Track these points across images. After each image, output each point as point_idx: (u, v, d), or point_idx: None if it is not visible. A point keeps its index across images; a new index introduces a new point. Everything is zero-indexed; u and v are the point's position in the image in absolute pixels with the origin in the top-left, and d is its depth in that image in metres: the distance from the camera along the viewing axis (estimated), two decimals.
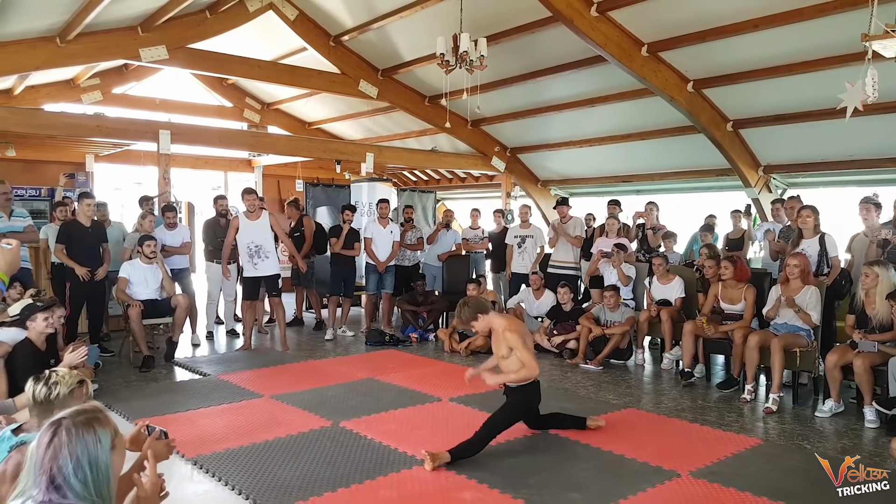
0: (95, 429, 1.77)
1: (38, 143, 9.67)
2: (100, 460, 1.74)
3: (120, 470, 1.89)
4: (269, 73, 9.91)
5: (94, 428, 1.77)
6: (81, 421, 1.77)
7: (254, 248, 7.29)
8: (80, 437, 1.73)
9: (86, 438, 1.73)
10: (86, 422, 1.77)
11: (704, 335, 5.87)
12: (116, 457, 1.81)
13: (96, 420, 1.79)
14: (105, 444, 1.76)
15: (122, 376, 6.24)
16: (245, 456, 4.10)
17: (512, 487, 3.61)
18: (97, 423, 1.78)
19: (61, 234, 6.61)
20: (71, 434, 1.73)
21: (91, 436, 1.75)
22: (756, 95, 7.73)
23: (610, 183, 11.30)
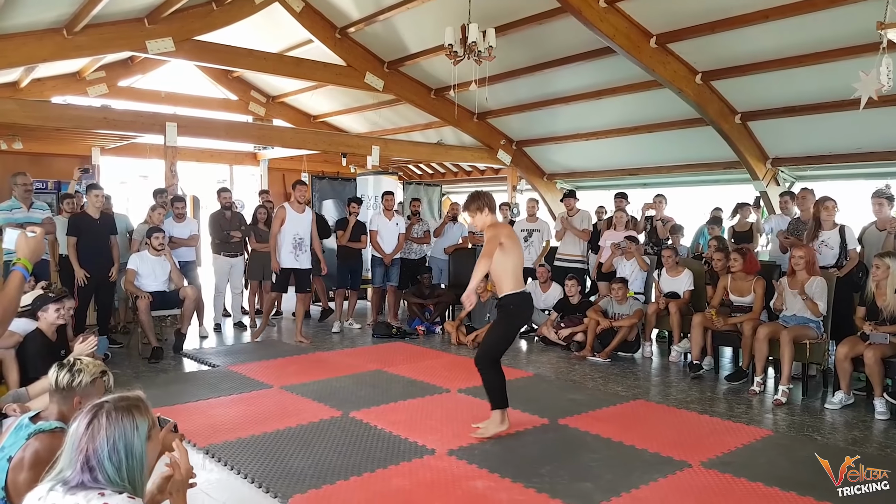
0: (134, 416, 1.79)
1: (44, 135, 9.67)
2: (135, 447, 1.75)
3: (154, 461, 1.90)
4: (274, 66, 9.88)
5: (134, 415, 1.79)
6: (123, 406, 1.79)
7: (298, 239, 7.36)
8: (118, 422, 1.75)
9: (124, 423, 1.75)
10: (126, 407, 1.79)
11: (714, 327, 5.86)
12: (151, 447, 1.83)
13: (136, 408, 1.81)
14: (142, 432, 1.78)
15: (132, 367, 6.26)
16: (256, 445, 4.11)
17: (523, 476, 3.61)
18: (137, 410, 1.81)
19: (71, 227, 6.64)
20: (111, 417, 1.75)
21: (130, 422, 1.76)
22: (765, 87, 7.69)
23: (616, 176, 11.26)
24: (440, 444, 4.15)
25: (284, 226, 7.30)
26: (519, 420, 4.65)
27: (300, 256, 7.39)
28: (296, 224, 7.36)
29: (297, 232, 7.36)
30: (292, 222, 7.33)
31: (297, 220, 7.37)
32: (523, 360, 6.91)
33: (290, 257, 7.34)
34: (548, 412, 4.82)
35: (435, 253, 9.66)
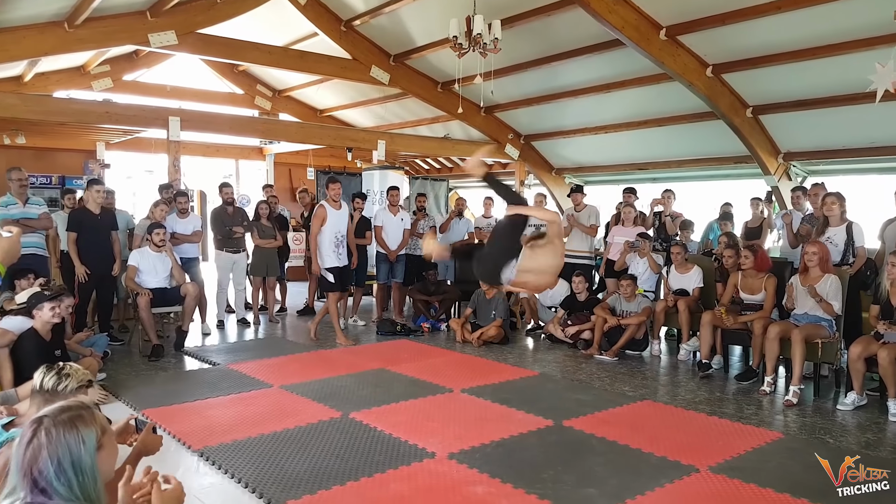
0: (79, 428, 1.66)
1: (48, 130, 9.63)
2: (83, 462, 1.63)
3: (110, 469, 1.79)
4: (279, 59, 9.78)
5: (78, 427, 1.66)
6: (63, 420, 1.66)
7: (339, 237, 7.27)
8: (60, 438, 1.62)
9: (67, 439, 1.63)
10: (68, 421, 1.66)
11: (723, 326, 5.73)
12: (105, 456, 1.71)
13: (80, 419, 1.68)
14: (90, 445, 1.65)
15: (132, 365, 6.19)
16: (253, 447, 4.02)
17: (525, 482, 3.51)
18: (81, 421, 1.67)
19: (71, 222, 6.59)
20: (51, 435, 1.63)
21: (74, 436, 1.64)
22: (777, 80, 7.52)
23: (625, 171, 11.11)
24: (441, 446, 4.05)
25: (325, 225, 7.15)
26: (523, 422, 4.56)
27: (342, 255, 7.30)
28: (336, 222, 7.25)
29: (338, 230, 7.26)
30: (332, 221, 7.21)
31: (335, 217, 7.25)
32: (529, 359, 6.80)
33: (334, 256, 7.20)
34: (552, 413, 4.71)
35: None
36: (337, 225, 7.26)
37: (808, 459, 3.88)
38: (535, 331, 8.08)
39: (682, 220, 8.07)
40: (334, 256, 7.22)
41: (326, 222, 7.16)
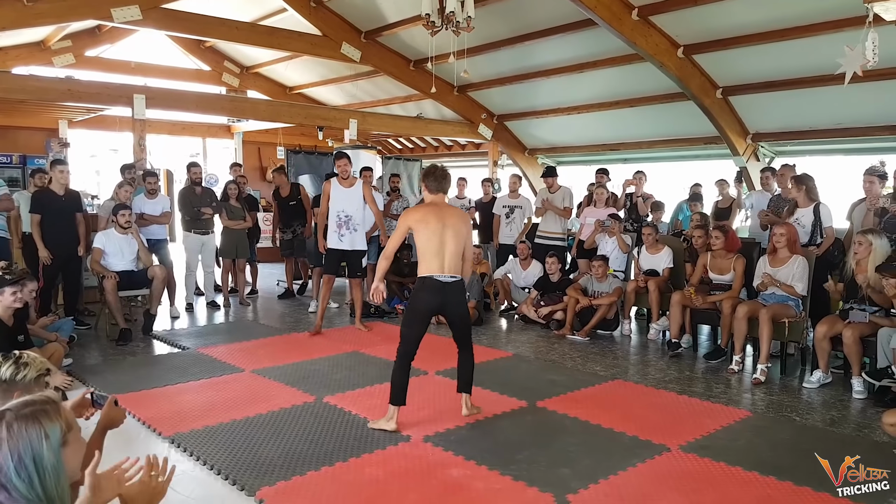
0: (42, 423, 1.60)
1: (8, 107, 9.34)
2: (45, 458, 1.57)
3: (76, 467, 1.73)
4: (247, 35, 9.57)
5: (41, 422, 1.60)
6: (26, 414, 1.60)
7: (344, 217, 6.71)
8: (22, 433, 1.56)
9: (30, 434, 1.57)
10: (31, 415, 1.60)
11: (692, 305, 5.81)
12: (70, 453, 1.66)
13: (44, 413, 1.62)
14: (54, 440, 1.60)
15: (99, 350, 6.08)
16: (225, 433, 3.98)
17: (500, 464, 3.53)
18: (45, 416, 1.62)
19: (34, 204, 6.40)
20: (12, 430, 1.57)
21: (36, 431, 1.58)
22: (747, 62, 7.58)
23: (598, 151, 11.16)
24: (416, 429, 4.05)
25: (330, 202, 6.73)
26: (497, 403, 4.57)
27: (346, 236, 6.72)
28: (341, 200, 6.70)
29: (342, 208, 6.70)
30: (337, 198, 6.70)
31: (341, 195, 6.71)
32: (503, 340, 6.83)
33: (334, 237, 6.74)
34: (526, 394, 4.74)
35: None
36: (341, 203, 6.70)
37: (774, 437, 3.98)
38: (508, 311, 8.11)
39: (653, 201, 8.14)
40: (335, 237, 6.73)
41: (331, 199, 6.74)
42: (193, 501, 3.20)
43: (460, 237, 4.10)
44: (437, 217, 4.08)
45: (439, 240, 4.04)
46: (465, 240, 4.14)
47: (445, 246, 4.04)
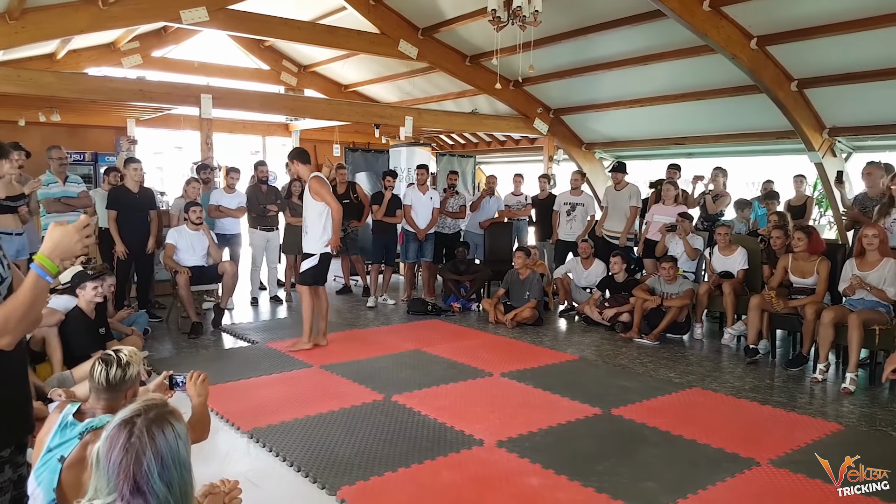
0: (172, 424, 1.58)
1: (81, 107, 9.65)
2: (182, 456, 1.56)
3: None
4: (308, 35, 9.63)
5: (172, 423, 1.58)
6: (155, 418, 1.58)
7: None
8: (162, 436, 1.54)
9: (167, 437, 1.55)
10: (160, 418, 1.58)
11: (773, 310, 5.57)
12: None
13: (170, 414, 1.60)
14: (184, 439, 1.58)
15: (172, 342, 6.23)
16: (300, 429, 4.00)
17: (580, 474, 3.43)
18: (172, 417, 1.60)
19: (111, 201, 6.60)
20: (152, 433, 1.54)
21: (171, 432, 1.56)
22: (824, 53, 7.24)
23: (660, 146, 10.86)
24: (488, 434, 4.00)
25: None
26: (569, 410, 4.48)
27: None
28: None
29: None
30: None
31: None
32: (565, 342, 6.71)
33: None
34: (599, 401, 4.62)
35: (470, 227, 9.43)
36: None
37: (871, 453, 3.75)
38: (568, 312, 7.97)
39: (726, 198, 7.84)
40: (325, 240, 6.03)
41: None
42: (279, 500, 3.21)
43: None
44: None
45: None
46: None
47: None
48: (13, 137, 7.64)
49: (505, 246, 9.10)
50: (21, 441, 2.01)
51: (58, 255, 1.86)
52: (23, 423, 2.02)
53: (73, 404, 2.42)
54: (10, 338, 1.80)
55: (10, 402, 1.94)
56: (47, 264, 1.83)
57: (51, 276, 1.84)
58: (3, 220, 5.51)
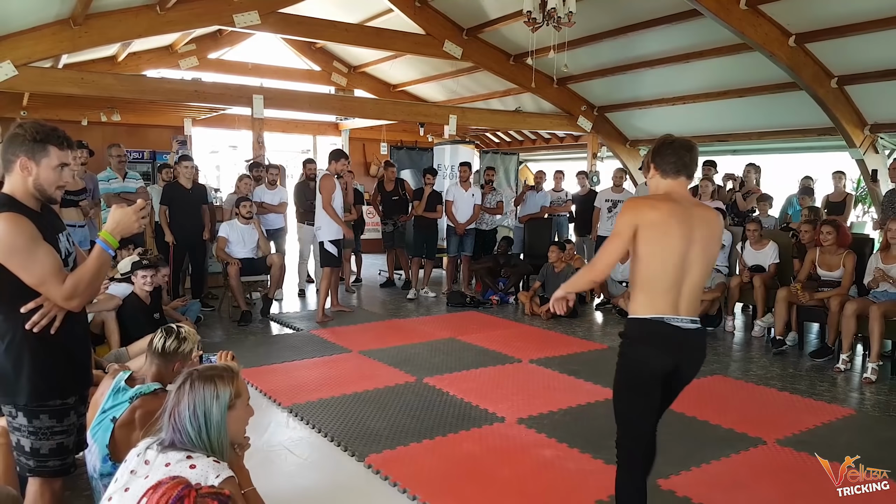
0: (217, 385, 1.93)
1: (140, 107, 10.18)
2: (213, 413, 1.90)
3: (238, 430, 2.04)
4: (356, 37, 9.99)
5: (216, 384, 1.93)
6: (207, 375, 1.95)
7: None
8: (200, 390, 1.91)
9: (205, 392, 1.91)
10: (210, 377, 1.95)
11: (799, 302, 5.66)
12: (234, 417, 1.97)
13: (220, 378, 1.95)
14: (223, 401, 1.92)
15: (223, 329, 6.63)
16: (336, 406, 4.31)
17: (592, 447, 3.64)
18: (220, 380, 1.95)
19: (164, 197, 7.03)
20: (195, 385, 1.92)
21: (211, 390, 1.92)
22: (864, 49, 7.20)
23: (704, 142, 10.83)
24: (510, 412, 4.24)
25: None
26: (591, 392, 4.69)
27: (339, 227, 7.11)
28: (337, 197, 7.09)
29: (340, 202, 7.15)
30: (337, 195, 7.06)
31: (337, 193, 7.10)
32: (598, 333, 6.89)
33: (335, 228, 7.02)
34: None
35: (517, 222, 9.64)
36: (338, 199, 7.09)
37: (879, 435, 3.89)
38: (604, 305, 8.12)
39: (756, 195, 7.88)
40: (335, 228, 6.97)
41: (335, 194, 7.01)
42: (310, 464, 3.53)
43: (709, 257, 2.54)
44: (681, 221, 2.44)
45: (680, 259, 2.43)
46: (712, 261, 2.60)
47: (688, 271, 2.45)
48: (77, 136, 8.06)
49: (544, 241, 9.27)
50: (83, 393, 2.36)
51: (119, 231, 2.23)
52: (85, 378, 2.37)
53: (126, 372, 2.80)
54: (80, 300, 2.16)
55: (77, 358, 2.29)
56: (110, 239, 2.21)
57: (112, 250, 2.21)
58: (67, 213, 5.89)
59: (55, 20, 7.12)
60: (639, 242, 2.43)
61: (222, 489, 1.73)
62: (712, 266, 2.63)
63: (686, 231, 2.42)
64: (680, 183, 2.52)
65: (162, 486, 1.67)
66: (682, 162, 2.51)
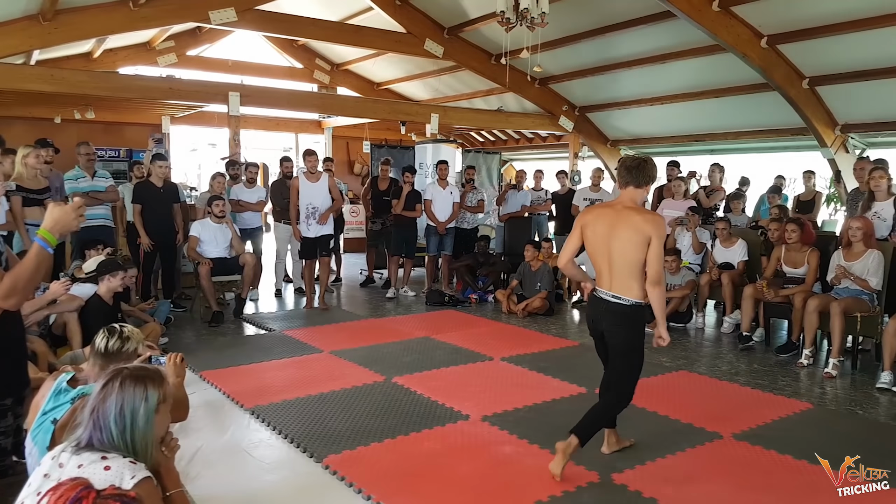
0: (147, 386, 1.92)
1: (116, 105, 10.12)
2: (139, 414, 1.89)
3: (161, 431, 2.03)
4: (335, 34, 9.99)
5: (146, 385, 1.92)
6: (138, 375, 1.94)
7: (311, 209, 7.36)
8: (129, 389, 1.89)
9: (135, 392, 1.90)
10: (140, 377, 1.94)
11: (764, 299, 5.73)
12: (158, 420, 1.96)
13: (150, 380, 1.95)
14: (151, 402, 1.91)
15: (193, 330, 6.59)
16: (300, 407, 4.30)
17: (551, 443, 3.62)
18: (150, 382, 1.94)
19: (136, 195, 6.93)
20: (124, 384, 1.91)
21: (140, 391, 1.90)
22: (834, 51, 7.30)
23: (682, 142, 10.96)
24: (476, 410, 4.26)
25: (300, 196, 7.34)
26: (557, 388, 4.73)
27: (313, 226, 7.38)
28: (309, 193, 7.34)
29: (310, 201, 7.34)
30: (305, 192, 7.33)
31: (309, 189, 7.35)
32: (572, 330, 6.93)
33: (304, 226, 7.37)
34: (587, 382, 4.82)
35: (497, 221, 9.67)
36: (309, 196, 7.33)
37: (832, 429, 3.95)
38: (581, 303, 8.16)
39: (719, 193, 7.97)
40: (304, 226, 7.34)
41: (300, 193, 7.30)
42: (267, 466, 3.53)
43: (629, 249, 3.24)
44: (606, 222, 3.32)
45: (605, 249, 3.31)
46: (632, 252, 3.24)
47: (613, 259, 3.28)
48: (49, 134, 8.09)
49: (524, 240, 9.30)
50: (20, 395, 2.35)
51: (57, 230, 2.24)
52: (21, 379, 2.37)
53: (68, 373, 2.79)
54: (17, 298, 2.17)
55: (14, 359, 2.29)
56: (48, 237, 2.21)
57: (51, 248, 2.21)
58: (31, 212, 5.79)
59: (23, 15, 7.05)
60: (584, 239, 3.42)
61: (126, 492, 1.72)
62: (637, 256, 3.24)
63: (608, 230, 3.29)
64: (627, 191, 3.36)
65: (61, 488, 1.66)
66: (628, 177, 3.34)
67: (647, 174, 3.33)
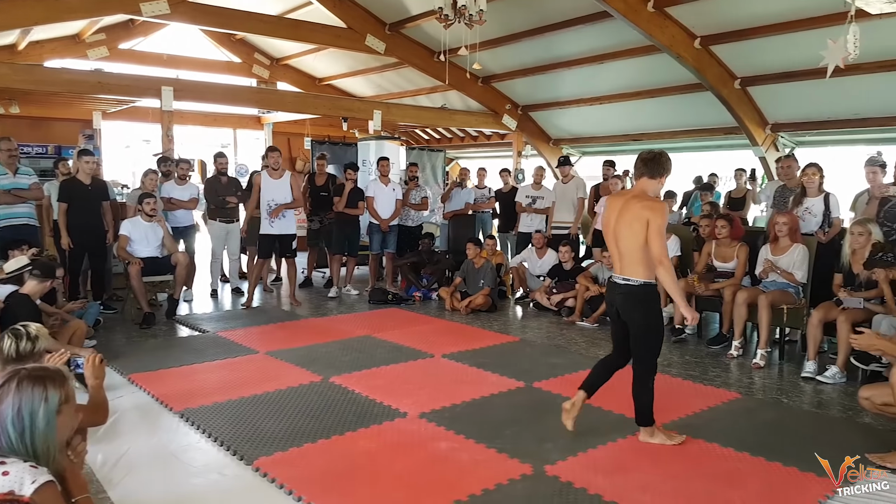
0: (46, 387, 1.82)
1: (43, 99, 9.71)
2: (39, 416, 1.79)
3: (66, 434, 1.93)
4: (273, 28, 9.81)
5: (46, 386, 1.82)
6: (36, 376, 1.84)
7: (272, 205, 7.38)
8: (27, 391, 1.79)
9: (34, 393, 1.79)
10: (40, 378, 1.83)
11: (696, 292, 5.87)
12: (62, 421, 1.86)
13: (50, 380, 1.85)
14: (51, 404, 1.81)
15: (124, 333, 6.35)
16: (232, 409, 4.18)
17: (487, 438, 3.68)
18: (50, 382, 1.84)
19: (62, 193, 6.65)
20: (21, 386, 1.80)
21: (40, 392, 1.80)
22: (765, 52, 7.55)
23: (620, 142, 11.17)
24: (413, 407, 4.22)
25: (261, 193, 7.42)
26: (496, 384, 4.74)
27: (276, 222, 7.42)
28: (270, 190, 7.40)
29: (271, 198, 7.39)
30: (266, 188, 7.40)
31: (270, 185, 7.42)
32: (513, 326, 6.97)
33: (265, 223, 7.42)
34: (524, 376, 4.88)
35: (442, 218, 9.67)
36: (271, 193, 7.40)
37: (758, 417, 4.08)
38: (523, 299, 8.23)
39: None
40: (266, 223, 7.42)
41: (261, 189, 7.40)
42: (195, 470, 3.41)
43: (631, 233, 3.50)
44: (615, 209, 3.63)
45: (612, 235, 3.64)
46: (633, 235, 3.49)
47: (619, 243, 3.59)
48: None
49: (468, 237, 9.32)
50: None
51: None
52: None
53: None
54: None
55: None
56: None
57: None
58: None
59: None
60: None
61: (19, 497, 1.64)
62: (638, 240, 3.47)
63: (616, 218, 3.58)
64: (640, 182, 3.63)
65: None
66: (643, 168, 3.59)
67: (661, 166, 3.57)
